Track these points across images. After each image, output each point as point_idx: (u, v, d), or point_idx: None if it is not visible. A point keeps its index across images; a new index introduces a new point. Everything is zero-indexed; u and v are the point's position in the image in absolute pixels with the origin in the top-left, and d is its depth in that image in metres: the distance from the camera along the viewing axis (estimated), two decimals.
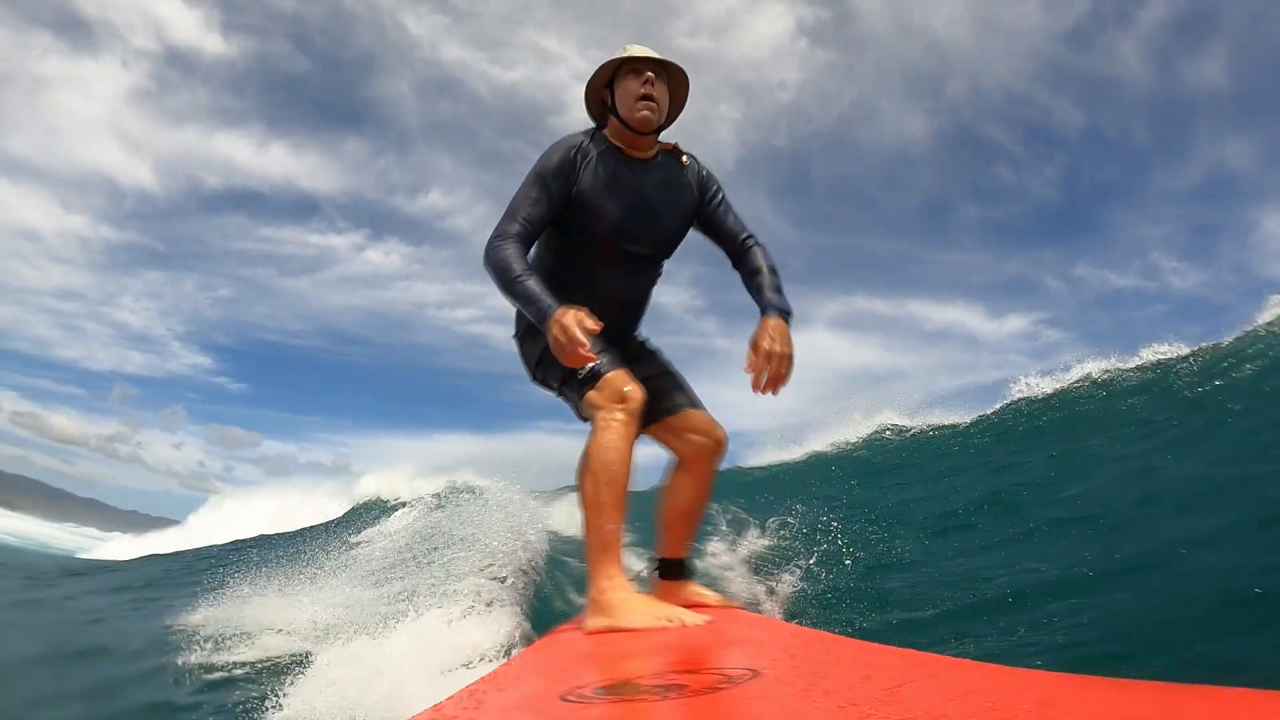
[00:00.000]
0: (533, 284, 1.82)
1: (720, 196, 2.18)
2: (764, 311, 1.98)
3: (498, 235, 1.91)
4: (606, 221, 2.00)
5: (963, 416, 9.21)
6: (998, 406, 9.00)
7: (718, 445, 2.12)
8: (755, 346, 1.88)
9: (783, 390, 1.88)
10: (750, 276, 2.10)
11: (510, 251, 1.88)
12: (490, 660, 2.86)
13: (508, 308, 2.04)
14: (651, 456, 2.17)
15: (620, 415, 1.81)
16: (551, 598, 3.94)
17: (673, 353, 2.27)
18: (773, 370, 1.86)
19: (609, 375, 1.84)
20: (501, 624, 3.15)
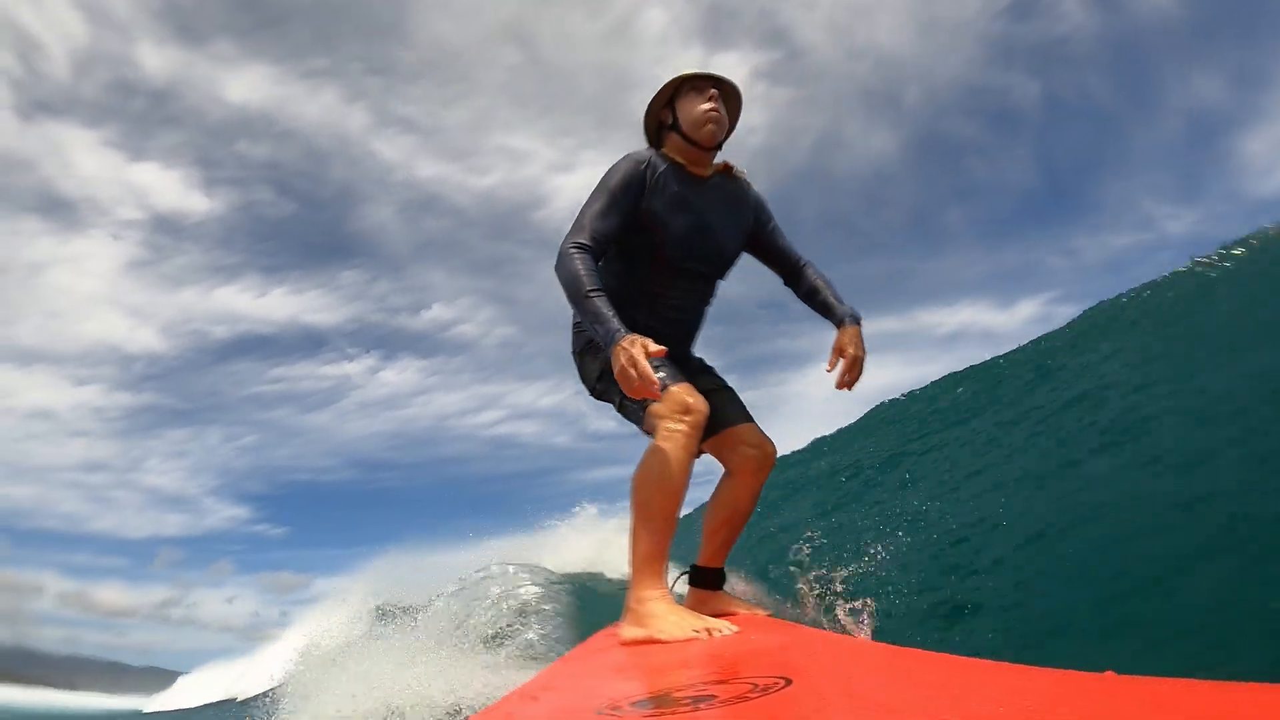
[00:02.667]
0: (602, 302, 1.81)
1: (773, 219, 2.28)
2: (840, 321, 2.19)
3: (571, 245, 1.90)
4: (670, 239, 2.03)
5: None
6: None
7: (766, 458, 2.15)
8: (841, 351, 2.15)
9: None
10: (812, 293, 2.28)
11: (583, 263, 1.87)
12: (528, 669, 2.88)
13: (529, 403, 2.07)
14: (700, 477, 2.22)
15: (683, 428, 1.81)
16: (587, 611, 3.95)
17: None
18: (854, 373, 2.14)
19: (673, 388, 1.85)
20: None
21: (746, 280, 2.36)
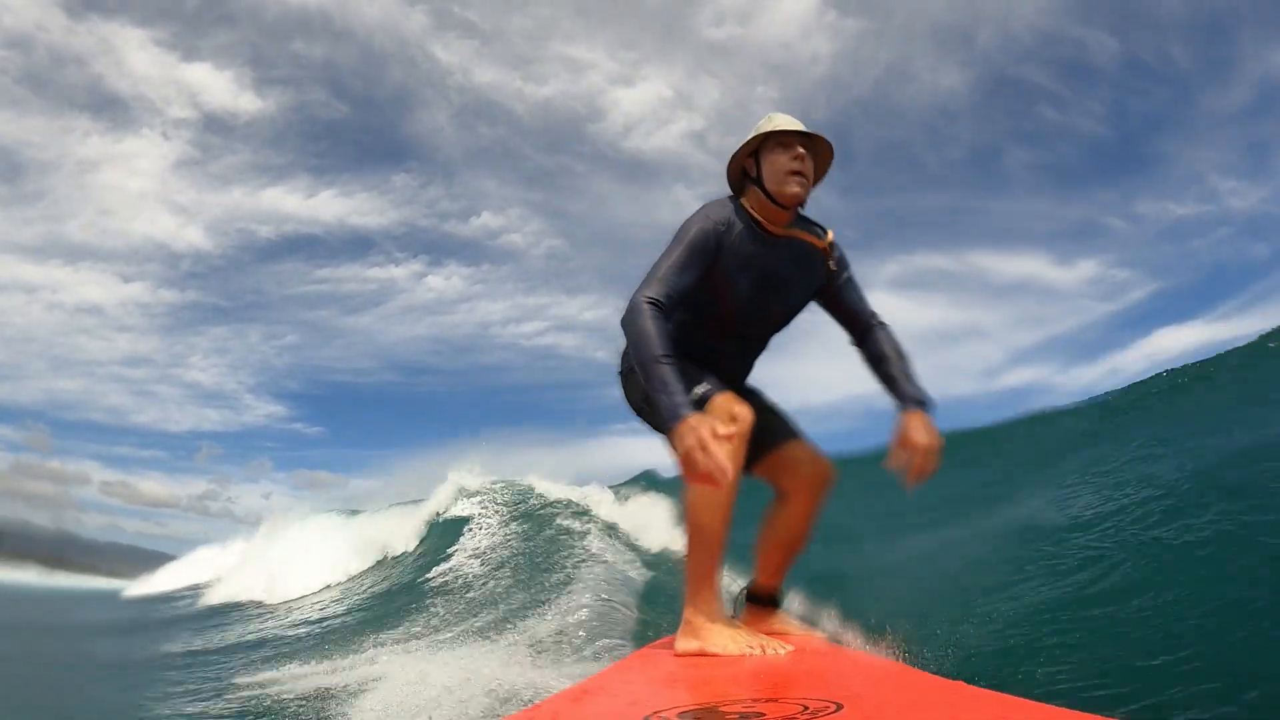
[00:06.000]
0: (672, 372, 1.70)
1: (847, 276, 2.12)
2: (904, 404, 1.96)
3: (647, 299, 1.80)
4: (735, 302, 1.99)
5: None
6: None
7: (824, 477, 2.07)
8: (905, 442, 1.88)
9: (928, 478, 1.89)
10: (879, 363, 2.06)
11: (654, 324, 1.76)
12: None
13: (572, 316, 2.01)
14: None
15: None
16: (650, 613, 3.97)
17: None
18: (923, 465, 1.87)
19: (717, 399, 1.84)
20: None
21: None
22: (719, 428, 1.61)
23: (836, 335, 2.18)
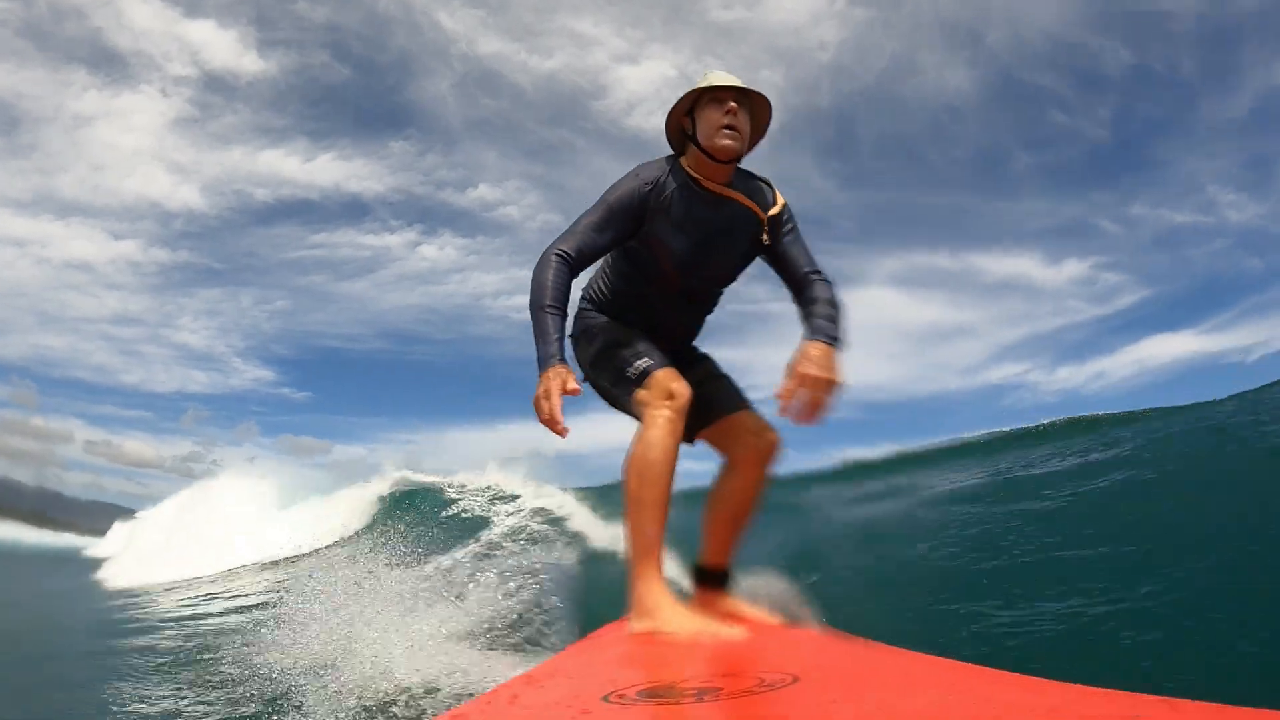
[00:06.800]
0: (553, 322, 1.81)
1: (791, 228, 2.10)
2: (810, 335, 1.89)
3: (554, 252, 1.89)
4: (672, 259, 2.00)
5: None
6: None
7: (770, 448, 2.04)
8: (796, 372, 1.79)
9: (821, 419, 1.80)
10: (807, 305, 2.02)
11: (554, 274, 1.86)
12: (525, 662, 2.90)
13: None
14: (694, 459, 2.15)
15: (667, 412, 1.82)
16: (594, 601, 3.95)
17: (721, 320, 2.26)
18: (810, 397, 1.78)
19: (657, 374, 1.87)
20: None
21: None
22: (569, 383, 1.71)
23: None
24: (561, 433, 1.73)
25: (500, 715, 0.99)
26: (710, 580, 2.09)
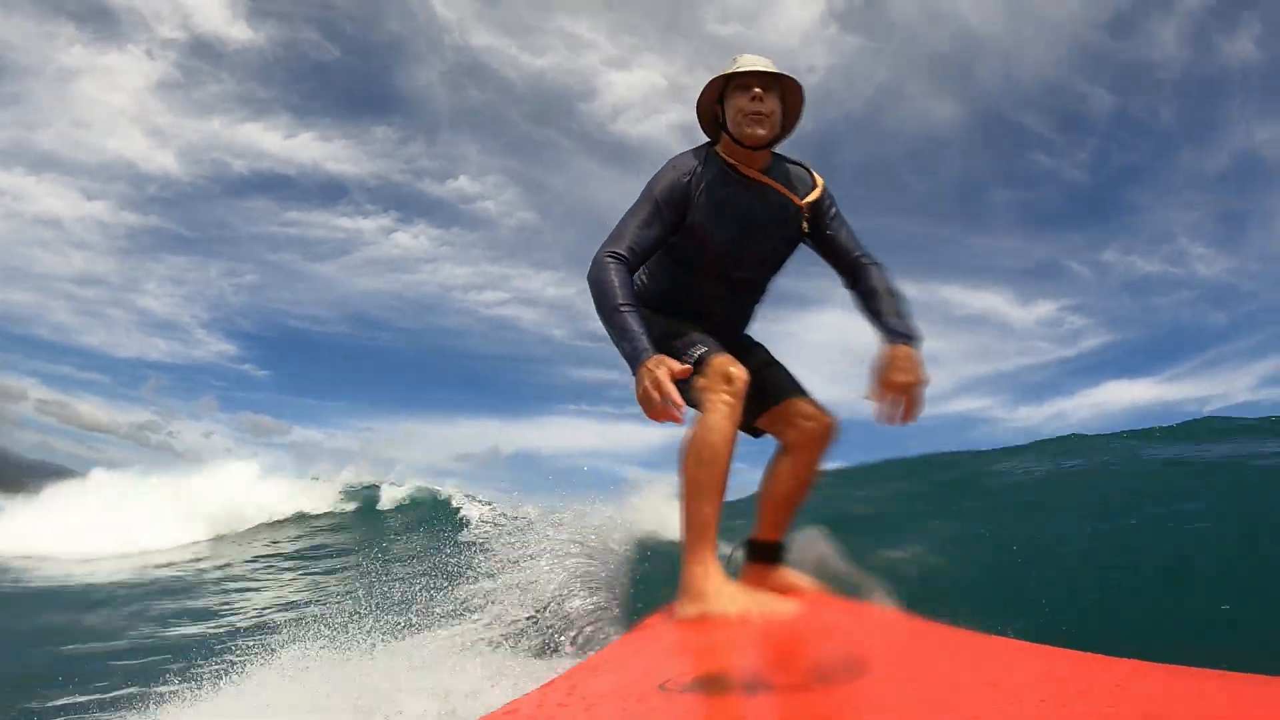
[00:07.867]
0: (632, 319, 1.79)
1: (834, 213, 2.10)
2: (890, 339, 1.90)
3: (607, 254, 1.88)
4: (716, 248, 2.00)
5: None
6: None
7: (827, 430, 2.06)
8: (884, 379, 1.82)
9: (916, 418, 1.83)
10: (867, 298, 2.02)
11: (617, 274, 1.84)
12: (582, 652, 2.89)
13: (536, 291, 1.96)
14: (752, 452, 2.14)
15: (726, 397, 1.81)
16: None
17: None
18: (902, 404, 1.82)
19: (714, 360, 1.85)
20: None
21: None
22: (674, 365, 1.67)
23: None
24: (680, 419, 1.70)
25: (557, 706, 1.00)
26: (763, 554, 2.12)
